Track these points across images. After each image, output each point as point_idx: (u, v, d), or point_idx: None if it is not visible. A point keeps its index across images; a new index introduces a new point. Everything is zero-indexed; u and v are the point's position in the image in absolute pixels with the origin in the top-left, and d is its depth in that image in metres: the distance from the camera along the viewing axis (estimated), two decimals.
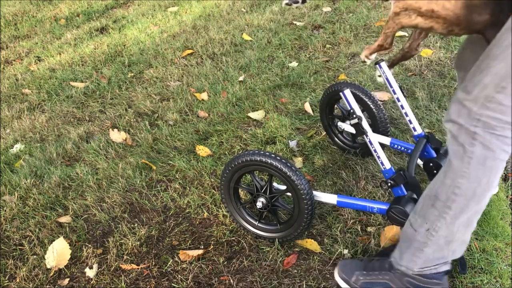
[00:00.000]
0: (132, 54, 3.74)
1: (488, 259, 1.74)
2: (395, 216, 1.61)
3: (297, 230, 1.77)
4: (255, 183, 1.81)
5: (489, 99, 1.25)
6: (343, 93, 1.70)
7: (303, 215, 1.72)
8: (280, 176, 1.68)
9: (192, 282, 1.75)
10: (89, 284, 1.79)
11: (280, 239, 1.84)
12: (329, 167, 2.26)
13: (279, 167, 1.66)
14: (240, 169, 1.77)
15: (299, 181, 1.66)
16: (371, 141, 1.70)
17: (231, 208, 1.89)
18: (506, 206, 2.00)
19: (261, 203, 1.78)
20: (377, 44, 1.59)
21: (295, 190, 1.68)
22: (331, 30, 3.69)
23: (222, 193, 1.87)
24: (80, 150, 2.62)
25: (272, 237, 1.86)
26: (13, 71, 3.70)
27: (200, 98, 2.99)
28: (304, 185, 1.66)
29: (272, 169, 1.68)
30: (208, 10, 4.47)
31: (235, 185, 1.84)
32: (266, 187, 1.78)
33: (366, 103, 2.12)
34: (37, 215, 2.13)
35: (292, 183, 1.67)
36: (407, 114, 1.94)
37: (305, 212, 1.71)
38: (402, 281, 1.50)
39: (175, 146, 2.54)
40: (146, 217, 2.09)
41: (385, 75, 1.94)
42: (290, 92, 2.93)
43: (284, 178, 1.67)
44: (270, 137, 2.51)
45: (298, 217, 1.74)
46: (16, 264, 1.90)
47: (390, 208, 1.63)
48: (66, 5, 5.07)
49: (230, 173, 1.79)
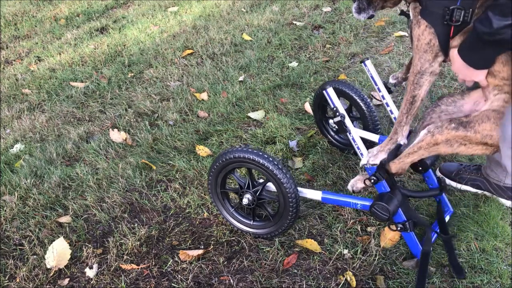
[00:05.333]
0: (132, 54, 3.74)
1: (488, 259, 1.74)
2: (378, 212, 1.63)
3: (282, 227, 1.80)
4: (238, 181, 1.85)
5: None
6: (326, 91, 1.71)
7: (288, 212, 1.75)
8: (265, 173, 1.71)
9: (192, 282, 1.75)
10: (89, 284, 1.79)
11: (267, 235, 1.87)
12: (329, 167, 2.26)
13: (264, 164, 1.70)
14: (225, 166, 1.80)
15: (284, 179, 1.69)
16: (354, 138, 1.72)
17: (218, 204, 1.94)
18: (506, 206, 2.00)
19: (247, 199, 1.82)
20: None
21: (280, 186, 1.71)
22: (331, 30, 3.69)
23: (209, 184, 1.92)
24: (80, 150, 2.62)
25: (257, 233, 1.88)
26: (13, 71, 3.70)
27: (200, 98, 2.99)
28: (289, 182, 1.69)
29: (257, 165, 1.71)
30: (208, 10, 4.47)
31: (222, 183, 1.88)
32: (250, 183, 1.83)
33: (355, 101, 2.15)
34: (37, 215, 2.13)
35: (277, 181, 1.70)
36: (392, 112, 1.96)
37: (289, 209, 1.73)
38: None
39: (175, 146, 2.55)
40: (146, 217, 2.09)
41: (370, 73, 1.97)
42: (290, 92, 2.93)
43: (269, 174, 1.70)
44: (270, 137, 2.51)
45: (283, 213, 1.77)
46: (16, 264, 1.90)
47: (373, 204, 1.65)
48: (66, 5, 5.07)
49: (216, 171, 1.83)
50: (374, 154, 1.70)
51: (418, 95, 1.56)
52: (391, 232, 1.84)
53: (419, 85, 1.53)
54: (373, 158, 1.69)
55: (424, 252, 1.65)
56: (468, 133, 1.50)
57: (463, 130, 1.51)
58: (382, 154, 1.69)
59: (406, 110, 1.60)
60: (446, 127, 1.52)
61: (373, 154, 1.70)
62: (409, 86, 1.56)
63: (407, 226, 1.65)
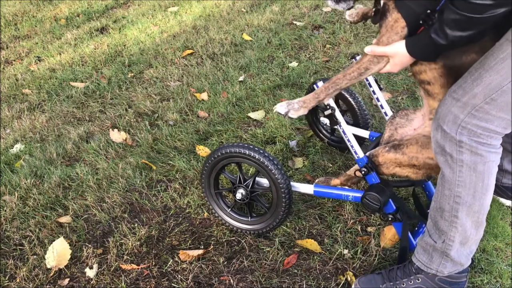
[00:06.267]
0: (132, 54, 3.74)
1: (488, 259, 1.75)
2: (369, 202, 1.66)
3: (275, 221, 1.82)
4: (230, 179, 1.88)
5: (477, 108, 1.26)
6: (316, 85, 1.73)
7: (280, 206, 1.76)
8: (259, 167, 1.73)
9: (192, 282, 1.75)
10: (89, 284, 1.79)
11: (260, 231, 1.88)
12: (329, 167, 2.26)
13: (259, 158, 1.71)
14: (215, 165, 1.83)
15: (278, 173, 1.71)
16: (344, 131, 1.73)
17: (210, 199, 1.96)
18: (506, 206, 2.00)
19: (240, 194, 1.85)
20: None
21: (273, 180, 1.72)
22: (331, 30, 3.69)
23: (202, 183, 1.94)
24: (80, 150, 2.62)
25: (250, 229, 1.90)
26: (13, 71, 3.70)
27: (200, 98, 2.99)
28: (281, 176, 1.71)
29: (251, 160, 1.74)
30: (208, 10, 4.47)
31: (215, 184, 1.92)
32: (241, 177, 1.85)
33: (346, 98, 2.19)
34: (37, 215, 2.13)
35: (270, 175, 1.72)
36: (382, 107, 1.98)
37: (282, 203, 1.75)
38: (434, 281, 1.52)
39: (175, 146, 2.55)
40: (146, 217, 2.09)
41: None
42: (290, 92, 2.93)
43: (263, 169, 1.72)
44: (270, 137, 2.51)
45: (276, 207, 1.79)
46: (16, 264, 1.90)
47: (364, 195, 1.68)
48: (66, 5, 5.06)
49: (208, 171, 1.86)
50: (296, 108, 1.62)
51: (371, 70, 1.54)
52: (391, 232, 1.84)
53: (377, 61, 1.53)
54: (294, 112, 1.62)
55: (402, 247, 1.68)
56: (397, 155, 1.61)
57: (394, 152, 1.62)
58: (303, 110, 1.63)
59: (351, 77, 1.57)
60: (381, 150, 1.65)
61: (294, 108, 1.62)
62: (368, 57, 1.55)
63: (398, 217, 1.68)
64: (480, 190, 1.35)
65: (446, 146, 1.34)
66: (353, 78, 1.57)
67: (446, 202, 1.40)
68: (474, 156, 1.31)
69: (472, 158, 1.31)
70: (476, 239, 1.45)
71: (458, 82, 1.34)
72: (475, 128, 1.28)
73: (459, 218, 1.39)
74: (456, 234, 1.42)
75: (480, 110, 1.26)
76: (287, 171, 2.26)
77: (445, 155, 1.35)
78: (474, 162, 1.32)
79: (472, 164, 1.32)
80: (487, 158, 1.32)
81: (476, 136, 1.29)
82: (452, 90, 1.34)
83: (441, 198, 1.42)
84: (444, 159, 1.36)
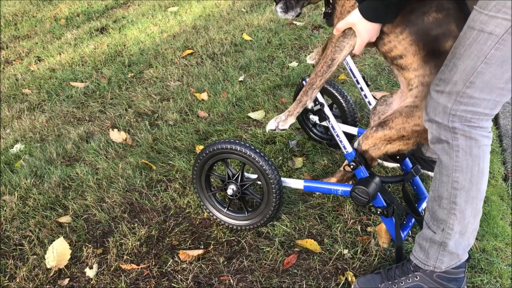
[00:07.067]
0: (132, 54, 3.74)
1: (488, 259, 1.75)
2: (358, 196, 1.68)
3: (266, 217, 1.83)
4: (219, 178, 1.91)
5: (461, 94, 1.32)
6: (305, 80, 1.73)
7: (271, 202, 1.78)
8: (250, 163, 1.75)
9: (192, 282, 1.75)
10: (89, 284, 1.79)
11: (250, 226, 1.89)
12: (329, 167, 2.26)
13: (251, 155, 1.73)
14: (205, 163, 1.86)
15: (268, 169, 1.73)
16: (333, 126, 1.75)
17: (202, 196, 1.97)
18: (506, 206, 2.00)
19: (231, 190, 1.87)
20: None
21: (264, 175, 1.74)
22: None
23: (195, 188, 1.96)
24: (80, 150, 2.62)
25: (240, 225, 1.91)
26: (13, 71, 3.70)
27: (200, 98, 2.99)
28: (273, 173, 1.73)
29: (242, 156, 1.75)
30: (208, 10, 4.47)
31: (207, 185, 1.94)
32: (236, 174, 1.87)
33: (334, 95, 2.22)
34: (37, 215, 2.13)
35: (261, 170, 1.74)
36: (370, 103, 2.01)
37: (273, 199, 1.77)
38: (432, 278, 1.53)
39: (175, 146, 2.54)
40: (146, 217, 2.09)
41: (349, 66, 2.03)
42: (290, 92, 2.93)
43: (254, 165, 1.74)
44: (270, 137, 2.51)
45: (267, 203, 1.80)
46: (16, 264, 1.90)
47: (353, 189, 1.69)
48: (66, 5, 5.07)
49: (198, 171, 1.89)
50: (283, 120, 1.66)
51: (337, 59, 1.58)
52: (382, 229, 1.85)
53: (340, 49, 1.56)
54: (283, 123, 1.66)
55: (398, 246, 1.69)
56: (386, 131, 1.63)
57: (381, 130, 1.64)
58: (291, 119, 1.67)
59: (321, 72, 1.61)
60: (369, 132, 1.67)
61: (282, 119, 1.66)
62: (330, 49, 1.58)
63: (387, 212, 1.69)
64: (477, 174, 1.39)
65: (441, 135, 1.39)
66: (324, 73, 1.61)
67: (445, 189, 1.43)
68: (468, 140, 1.36)
69: (467, 142, 1.37)
70: (473, 228, 1.47)
71: (437, 76, 1.40)
72: (464, 113, 1.33)
73: (457, 204, 1.42)
74: (455, 222, 1.44)
75: (464, 96, 1.32)
76: (287, 171, 2.27)
77: (442, 142, 1.40)
78: (469, 146, 1.37)
79: (468, 148, 1.37)
80: (481, 142, 1.37)
81: (467, 121, 1.34)
82: (434, 85, 1.40)
83: (439, 186, 1.45)
84: (441, 146, 1.41)
